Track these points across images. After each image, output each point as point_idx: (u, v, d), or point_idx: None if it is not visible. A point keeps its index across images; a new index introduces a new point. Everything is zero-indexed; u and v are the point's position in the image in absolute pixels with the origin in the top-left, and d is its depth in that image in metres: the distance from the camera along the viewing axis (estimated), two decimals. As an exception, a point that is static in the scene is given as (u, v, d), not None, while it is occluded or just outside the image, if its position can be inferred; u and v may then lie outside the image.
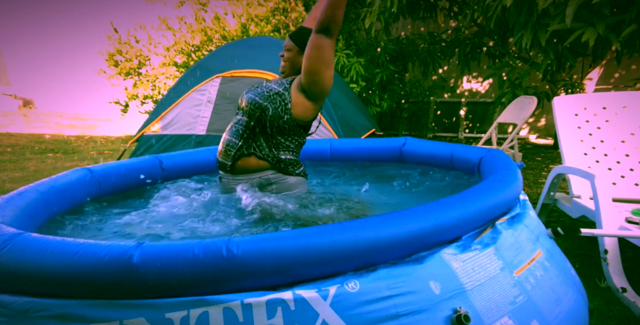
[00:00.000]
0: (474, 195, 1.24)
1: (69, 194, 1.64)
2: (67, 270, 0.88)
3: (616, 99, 2.46)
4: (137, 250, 0.88)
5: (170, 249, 0.89)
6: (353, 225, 1.00)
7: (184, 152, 2.35)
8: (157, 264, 0.86)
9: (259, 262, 0.88)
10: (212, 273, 0.87)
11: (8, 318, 0.89)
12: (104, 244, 0.92)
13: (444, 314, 0.95)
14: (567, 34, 3.70)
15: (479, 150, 1.94)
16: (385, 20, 5.20)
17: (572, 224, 2.60)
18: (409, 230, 1.03)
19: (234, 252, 0.87)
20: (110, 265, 0.86)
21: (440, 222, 1.08)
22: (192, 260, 0.86)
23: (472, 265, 1.07)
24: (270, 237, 0.93)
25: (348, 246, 0.95)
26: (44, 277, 0.90)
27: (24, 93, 16.56)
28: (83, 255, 0.89)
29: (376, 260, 1.00)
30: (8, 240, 0.97)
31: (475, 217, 1.19)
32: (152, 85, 8.07)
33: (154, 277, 0.86)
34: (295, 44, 1.72)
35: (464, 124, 7.77)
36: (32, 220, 1.34)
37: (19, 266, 0.92)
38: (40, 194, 1.46)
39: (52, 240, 0.96)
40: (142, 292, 0.88)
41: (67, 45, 33.58)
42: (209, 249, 0.88)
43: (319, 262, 0.93)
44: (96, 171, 1.82)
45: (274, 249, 0.90)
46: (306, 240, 0.93)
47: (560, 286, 1.24)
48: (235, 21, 8.01)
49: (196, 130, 4.41)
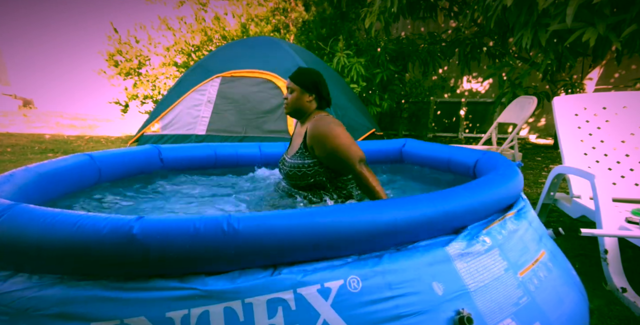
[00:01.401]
0: (478, 186, 1.24)
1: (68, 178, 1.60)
2: (66, 242, 0.86)
3: (616, 99, 2.46)
4: (137, 222, 0.87)
5: (171, 223, 0.88)
6: (355, 207, 0.99)
7: (184, 146, 2.35)
8: (157, 236, 0.85)
9: (260, 238, 0.88)
10: (213, 247, 0.86)
11: (9, 317, 0.88)
12: (104, 216, 0.91)
13: (447, 315, 0.94)
14: (568, 33, 3.70)
15: (476, 153, 1.95)
16: (385, 20, 5.19)
17: (572, 224, 2.60)
18: (414, 215, 1.02)
19: (235, 227, 0.87)
20: (110, 236, 0.85)
21: (445, 208, 1.07)
22: (193, 233, 0.86)
23: (477, 265, 1.06)
24: (271, 215, 0.93)
25: (349, 227, 0.94)
26: (42, 249, 0.88)
27: (24, 93, 16.56)
28: (82, 227, 0.87)
29: (378, 245, 0.99)
30: (4, 211, 0.94)
31: (479, 207, 1.18)
32: (152, 85, 8.06)
33: (154, 250, 0.84)
34: (297, 85, 1.73)
35: (464, 124, 7.77)
36: (27, 200, 1.29)
37: (16, 237, 0.89)
38: (38, 176, 1.42)
39: (50, 212, 0.93)
40: (142, 267, 0.86)
41: (67, 45, 33.59)
42: (210, 223, 0.87)
43: (320, 243, 0.92)
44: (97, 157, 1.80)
45: (275, 226, 0.90)
46: (308, 219, 0.93)
47: (562, 287, 1.24)
48: (235, 21, 8.01)
49: (196, 130, 4.41)
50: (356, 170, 1.58)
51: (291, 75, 1.76)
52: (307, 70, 1.75)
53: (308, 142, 1.65)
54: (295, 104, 1.74)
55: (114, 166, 1.88)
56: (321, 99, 1.76)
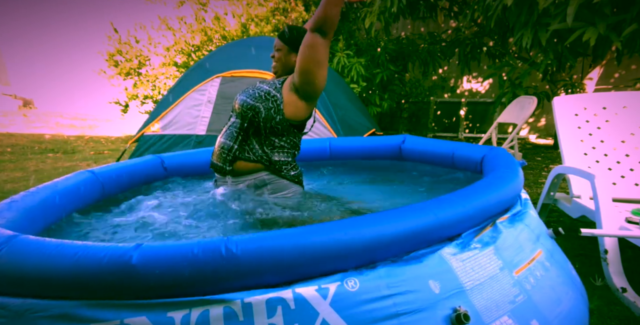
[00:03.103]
0: (474, 193, 1.24)
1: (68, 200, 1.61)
2: (66, 273, 0.88)
3: (616, 99, 2.46)
4: (136, 251, 0.87)
5: (169, 249, 0.89)
6: (352, 223, 1.00)
7: (185, 152, 2.35)
8: (156, 264, 0.86)
9: (258, 260, 0.88)
10: (212, 272, 0.87)
11: (6, 319, 0.88)
12: (103, 245, 0.92)
13: (444, 312, 0.95)
14: (568, 33, 3.69)
15: (481, 149, 1.94)
16: (385, 20, 5.20)
17: (572, 224, 2.60)
18: (408, 227, 1.03)
19: (233, 251, 0.87)
20: (110, 266, 0.86)
21: (440, 219, 1.07)
22: (191, 259, 0.86)
23: (472, 264, 1.07)
24: (268, 236, 0.93)
25: (347, 244, 0.94)
26: (42, 279, 0.89)
27: (24, 93, 16.60)
28: (82, 257, 0.88)
29: (376, 257, 1.00)
30: (5, 243, 0.95)
31: (474, 215, 1.19)
32: (152, 86, 8.07)
33: (153, 278, 0.86)
34: (285, 43, 1.71)
35: (464, 124, 7.77)
36: (31, 225, 1.31)
37: (17, 269, 0.91)
38: (42, 199, 1.44)
39: (49, 243, 0.95)
40: (143, 293, 0.87)
41: (67, 45, 33.58)
42: (208, 248, 0.88)
43: (319, 261, 0.93)
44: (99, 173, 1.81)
45: (273, 248, 0.90)
46: (305, 238, 0.93)
47: (561, 286, 1.24)
48: (235, 21, 8.02)
49: (196, 130, 4.41)
50: (312, 41, 1.50)
51: (279, 33, 1.74)
52: (296, 29, 1.72)
53: (287, 80, 1.66)
54: (285, 63, 1.73)
55: (117, 181, 1.89)
56: None
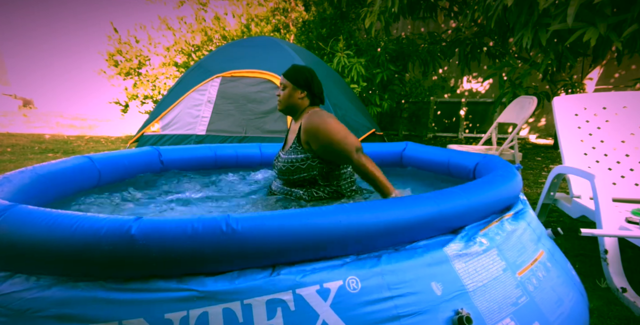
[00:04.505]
0: (476, 187, 1.25)
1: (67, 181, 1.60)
2: (64, 243, 0.86)
3: (616, 99, 2.46)
4: (135, 222, 0.86)
5: (169, 223, 0.88)
6: (355, 207, 0.99)
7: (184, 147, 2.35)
8: (156, 236, 0.84)
9: (259, 238, 0.88)
10: (212, 248, 0.86)
11: (7, 318, 0.88)
12: (102, 216, 0.90)
13: (446, 315, 0.94)
14: (568, 33, 3.69)
15: (475, 156, 1.95)
16: (385, 20, 5.19)
17: (572, 224, 2.60)
18: (411, 214, 1.02)
19: (234, 227, 0.86)
20: (109, 237, 0.84)
21: (442, 209, 1.07)
22: (191, 234, 0.85)
23: (475, 266, 1.06)
24: (269, 216, 0.92)
25: (348, 227, 0.94)
26: (39, 250, 0.87)
27: (24, 93, 16.58)
28: (80, 228, 0.87)
29: (377, 245, 0.99)
30: (2, 211, 0.93)
31: (477, 207, 1.18)
32: (152, 85, 8.06)
33: (152, 250, 0.84)
34: (290, 82, 1.74)
35: (464, 124, 7.76)
36: (26, 202, 1.28)
37: (14, 239, 0.88)
38: (37, 178, 1.42)
39: (48, 213, 0.93)
40: (140, 266, 0.86)
41: (67, 45, 33.56)
42: (208, 224, 0.87)
43: (319, 243, 0.92)
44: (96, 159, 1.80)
45: (273, 227, 0.89)
46: (307, 219, 0.93)
47: (562, 287, 1.24)
48: (235, 21, 8.01)
49: (196, 130, 4.41)
50: (354, 159, 1.59)
51: (284, 72, 1.77)
52: (300, 67, 1.76)
53: (302, 137, 1.67)
54: (287, 100, 1.75)
55: (113, 168, 1.88)
56: (313, 96, 1.77)
